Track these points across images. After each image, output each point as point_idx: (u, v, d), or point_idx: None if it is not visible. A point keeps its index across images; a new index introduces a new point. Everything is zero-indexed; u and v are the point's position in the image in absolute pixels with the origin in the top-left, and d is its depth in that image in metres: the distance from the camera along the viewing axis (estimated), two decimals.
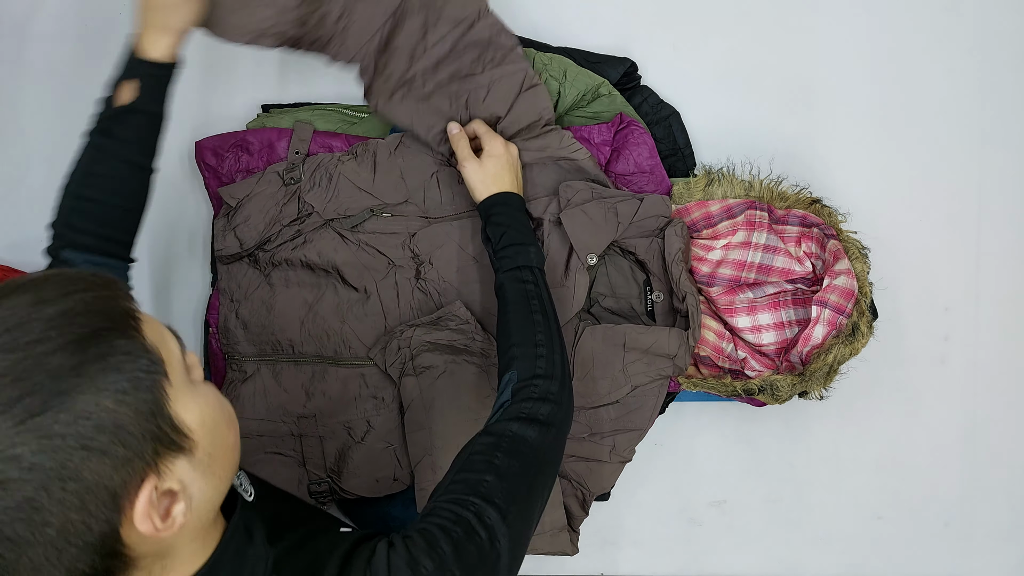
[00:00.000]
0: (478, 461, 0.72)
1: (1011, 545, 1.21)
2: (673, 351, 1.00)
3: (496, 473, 0.71)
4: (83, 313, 0.52)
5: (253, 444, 1.07)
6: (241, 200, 1.08)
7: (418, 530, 0.65)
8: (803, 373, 1.01)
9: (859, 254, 1.02)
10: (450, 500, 0.68)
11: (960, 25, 1.20)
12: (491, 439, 0.75)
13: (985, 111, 1.20)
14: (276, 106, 1.17)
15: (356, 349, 1.07)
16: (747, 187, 1.06)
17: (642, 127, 1.08)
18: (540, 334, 0.86)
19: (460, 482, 0.70)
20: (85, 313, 0.52)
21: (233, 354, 1.09)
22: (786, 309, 1.07)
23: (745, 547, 1.20)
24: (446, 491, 0.70)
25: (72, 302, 0.52)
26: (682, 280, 1.01)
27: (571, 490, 1.06)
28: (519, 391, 0.81)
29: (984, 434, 1.21)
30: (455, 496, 0.68)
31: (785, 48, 1.20)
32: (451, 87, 1.03)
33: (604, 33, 1.18)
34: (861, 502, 1.21)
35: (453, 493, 0.69)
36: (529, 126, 1.04)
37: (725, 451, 1.20)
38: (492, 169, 1.00)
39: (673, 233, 1.02)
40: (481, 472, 0.71)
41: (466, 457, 0.74)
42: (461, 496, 0.68)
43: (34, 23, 1.21)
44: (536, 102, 1.03)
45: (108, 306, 0.53)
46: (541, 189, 1.06)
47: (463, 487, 0.69)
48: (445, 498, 0.69)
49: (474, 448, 0.75)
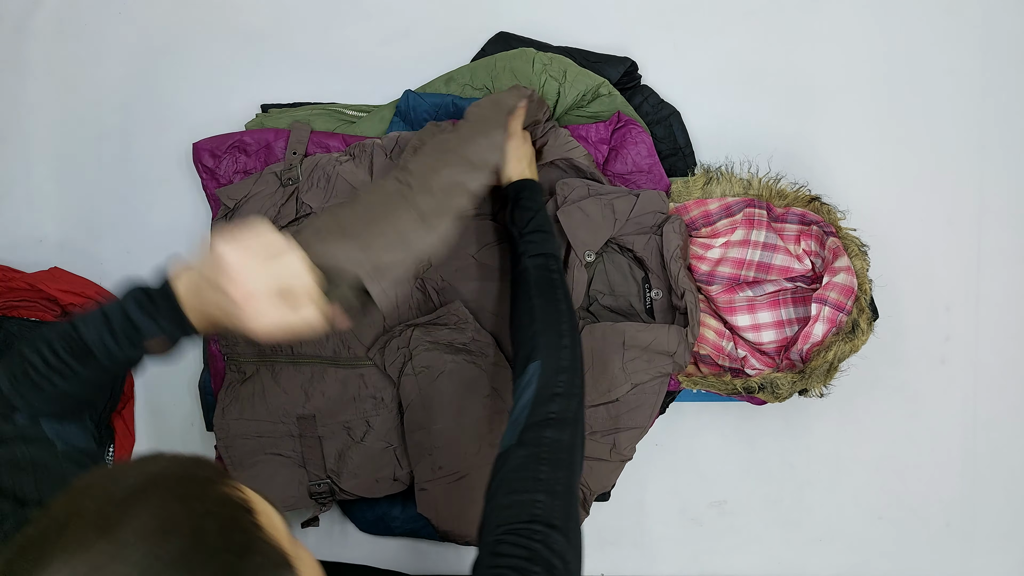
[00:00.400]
0: (524, 479, 0.70)
1: (1011, 545, 1.21)
2: (672, 348, 1.00)
3: (546, 490, 0.68)
4: (210, 548, 0.44)
5: (253, 445, 1.07)
6: (239, 201, 1.08)
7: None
8: (803, 371, 1.01)
9: (858, 251, 1.02)
10: (511, 532, 0.65)
11: (961, 26, 1.20)
12: (529, 452, 0.72)
13: (985, 111, 1.20)
14: (275, 106, 1.17)
15: (355, 349, 1.07)
16: (746, 185, 1.06)
17: (640, 126, 1.08)
18: (564, 324, 0.85)
19: (512, 507, 0.67)
20: (212, 549, 0.44)
21: (232, 355, 1.09)
22: (786, 307, 1.07)
23: (745, 547, 1.20)
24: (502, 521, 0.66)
25: (192, 532, 0.44)
26: (680, 277, 1.01)
27: None
28: (545, 386, 0.78)
29: (984, 434, 1.21)
30: (515, 526, 0.65)
31: (785, 48, 1.20)
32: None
33: (604, 33, 1.18)
34: (861, 502, 1.21)
35: (510, 523, 0.66)
36: (530, 126, 1.04)
37: (725, 451, 1.20)
38: (529, 154, 1.02)
39: (671, 230, 1.02)
40: (531, 491, 0.68)
41: (507, 475, 0.71)
42: (521, 526, 0.65)
43: (34, 23, 1.21)
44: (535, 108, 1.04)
45: (228, 518, 0.46)
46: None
47: (518, 512, 0.66)
48: (504, 530, 0.65)
49: (513, 463, 0.71)
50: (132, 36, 1.21)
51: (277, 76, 1.20)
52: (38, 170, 1.21)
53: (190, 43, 1.22)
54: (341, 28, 1.20)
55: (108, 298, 0.71)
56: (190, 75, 1.21)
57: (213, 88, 1.21)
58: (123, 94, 1.21)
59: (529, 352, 0.82)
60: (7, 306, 1.14)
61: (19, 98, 1.21)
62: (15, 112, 1.21)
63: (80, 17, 1.21)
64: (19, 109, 1.21)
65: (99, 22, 1.21)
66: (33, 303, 1.14)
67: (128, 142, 1.21)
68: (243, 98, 1.19)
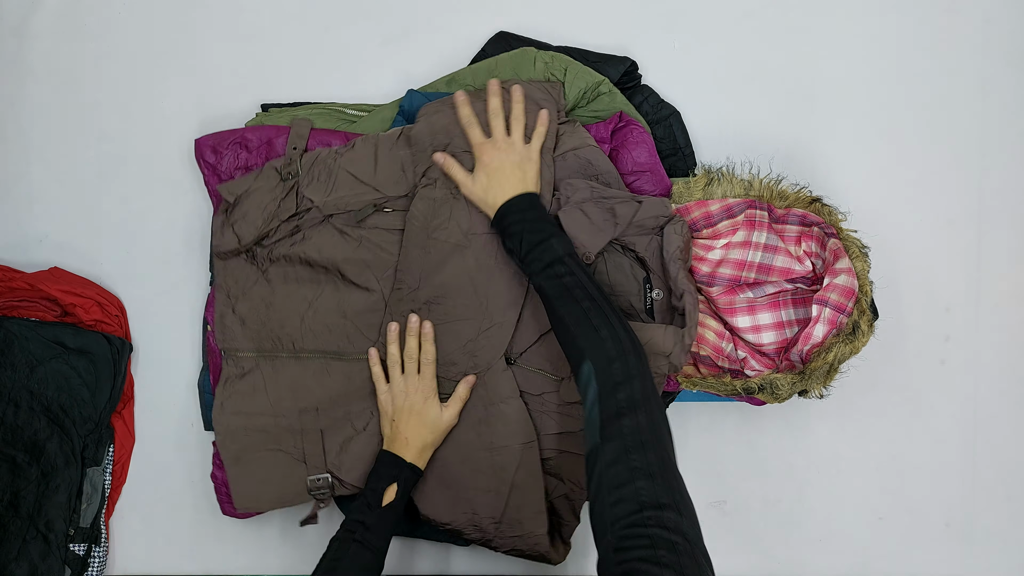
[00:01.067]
0: (619, 472, 0.73)
1: (1011, 545, 1.21)
2: (668, 349, 0.99)
3: (644, 475, 0.72)
4: None
5: (251, 440, 1.07)
6: (239, 196, 1.08)
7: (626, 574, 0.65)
8: (803, 372, 1.01)
9: (859, 253, 1.02)
10: (626, 526, 0.68)
11: (960, 25, 1.20)
12: (614, 444, 0.75)
13: (985, 111, 1.20)
14: (275, 105, 1.17)
15: (360, 344, 1.07)
16: (747, 186, 1.06)
17: (641, 126, 1.08)
18: (595, 317, 0.87)
19: (619, 503, 0.71)
20: None
21: (230, 350, 1.09)
22: (786, 308, 1.07)
23: (745, 547, 1.20)
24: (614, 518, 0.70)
25: None
26: (679, 278, 1.00)
27: (562, 489, 1.05)
28: (604, 382, 0.81)
29: (984, 434, 1.21)
30: (628, 519, 0.69)
31: (786, 48, 1.20)
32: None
33: (604, 33, 1.18)
34: (861, 502, 1.21)
35: (622, 518, 0.69)
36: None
37: (725, 451, 1.20)
38: (484, 181, 0.99)
39: (672, 231, 1.02)
40: (630, 482, 0.71)
41: (603, 472, 0.74)
42: (634, 517, 0.69)
43: (34, 23, 1.21)
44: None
45: None
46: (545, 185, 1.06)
47: (626, 506, 0.70)
48: (621, 526, 0.69)
49: (605, 460, 0.75)
50: (132, 36, 1.21)
51: (277, 76, 1.20)
52: (38, 170, 1.21)
53: (190, 43, 1.21)
54: (341, 28, 1.20)
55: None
56: (190, 75, 1.21)
57: (213, 88, 1.21)
58: (123, 94, 1.21)
59: (578, 358, 0.86)
60: (7, 306, 1.14)
61: (19, 98, 1.21)
62: (15, 112, 1.21)
63: (80, 17, 1.21)
64: (19, 109, 1.21)
65: (99, 22, 1.21)
66: (33, 303, 1.14)
67: (128, 142, 1.21)
68: (243, 98, 1.19)
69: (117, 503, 1.18)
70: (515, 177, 0.99)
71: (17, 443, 1.10)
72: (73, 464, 1.11)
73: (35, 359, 1.11)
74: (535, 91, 1.06)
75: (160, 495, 1.18)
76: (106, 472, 1.15)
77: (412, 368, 1.03)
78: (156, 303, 1.19)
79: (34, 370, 1.11)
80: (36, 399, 1.11)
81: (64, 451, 1.11)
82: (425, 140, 1.05)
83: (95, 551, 1.14)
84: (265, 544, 1.19)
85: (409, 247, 1.04)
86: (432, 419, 1.01)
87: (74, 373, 1.11)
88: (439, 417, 1.01)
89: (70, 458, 1.11)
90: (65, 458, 1.11)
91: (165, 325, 1.19)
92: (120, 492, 1.18)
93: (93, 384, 1.12)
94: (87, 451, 1.13)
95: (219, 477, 1.11)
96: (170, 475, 1.18)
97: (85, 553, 1.13)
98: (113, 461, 1.16)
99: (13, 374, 1.11)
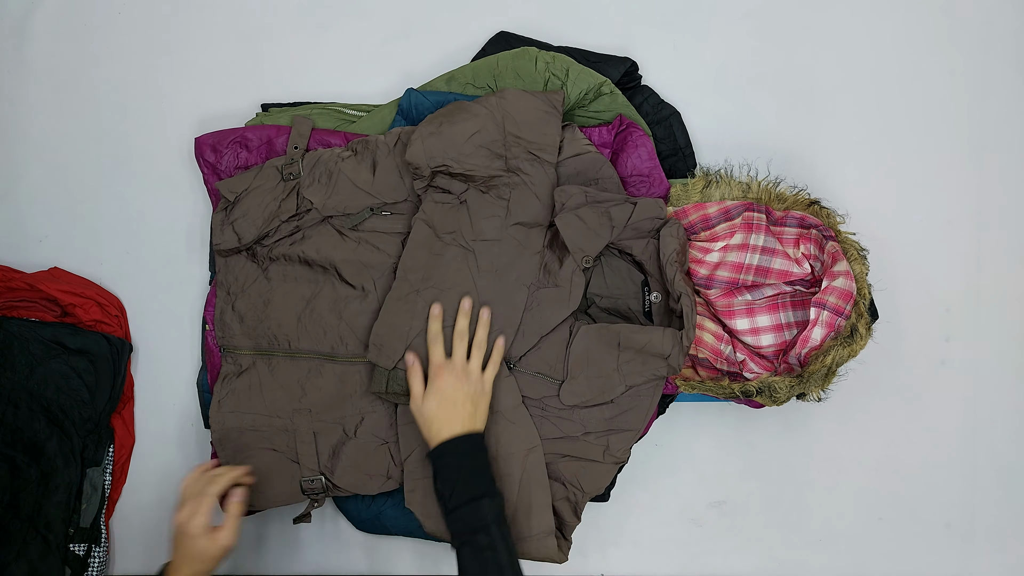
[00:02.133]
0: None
1: (1011, 545, 1.21)
2: (666, 351, 0.99)
3: None
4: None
5: (247, 439, 1.07)
6: (239, 194, 1.08)
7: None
8: (801, 375, 1.01)
9: (858, 255, 1.02)
10: None
11: (960, 26, 1.20)
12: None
13: (985, 112, 1.20)
14: (275, 105, 1.17)
15: (353, 347, 1.07)
16: (745, 189, 1.06)
17: (641, 130, 1.08)
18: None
19: None
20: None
21: (229, 347, 1.10)
22: (784, 311, 1.07)
23: (745, 547, 1.20)
24: None
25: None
26: (676, 280, 1.00)
27: (563, 492, 1.05)
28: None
29: (984, 434, 1.21)
30: None
31: (786, 49, 1.20)
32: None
33: (604, 33, 1.18)
34: (861, 502, 1.21)
35: None
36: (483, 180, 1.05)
37: (725, 452, 1.20)
38: (433, 408, 0.96)
39: (669, 234, 1.02)
40: None
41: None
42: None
43: (34, 23, 1.21)
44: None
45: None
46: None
47: None
48: None
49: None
50: (132, 36, 1.21)
51: (277, 76, 1.20)
52: (38, 170, 1.21)
53: (190, 43, 1.22)
54: (341, 28, 1.20)
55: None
56: (190, 75, 1.21)
57: (213, 88, 1.21)
58: (123, 94, 1.21)
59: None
60: (7, 306, 1.14)
61: (19, 98, 1.21)
62: (15, 112, 1.21)
63: (80, 17, 1.21)
64: (19, 109, 1.21)
65: (99, 22, 1.21)
66: (33, 303, 1.14)
67: (128, 142, 1.21)
68: (243, 98, 1.19)
69: (117, 503, 1.18)
70: (465, 411, 0.96)
71: (17, 444, 1.10)
72: (73, 464, 1.11)
73: (35, 359, 1.11)
74: (536, 111, 1.04)
75: (160, 495, 1.18)
76: (106, 472, 1.15)
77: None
78: (156, 303, 1.19)
79: (34, 370, 1.11)
80: (36, 400, 1.11)
81: (64, 451, 1.11)
82: (422, 162, 1.03)
83: (95, 551, 1.14)
84: (264, 544, 1.19)
85: (414, 248, 1.04)
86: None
87: (74, 373, 1.12)
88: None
89: (70, 458, 1.11)
90: (65, 458, 1.11)
91: (164, 325, 1.19)
92: (120, 492, 1.18)
93: (93, 384, 1.12)
94: (87, 451, 1.13)
95: None
96: (170, 475, 1.18)
97: (85, 553, 1.13)
98: (113, 461, 1.17)
99: (13, 375, 1.11)
